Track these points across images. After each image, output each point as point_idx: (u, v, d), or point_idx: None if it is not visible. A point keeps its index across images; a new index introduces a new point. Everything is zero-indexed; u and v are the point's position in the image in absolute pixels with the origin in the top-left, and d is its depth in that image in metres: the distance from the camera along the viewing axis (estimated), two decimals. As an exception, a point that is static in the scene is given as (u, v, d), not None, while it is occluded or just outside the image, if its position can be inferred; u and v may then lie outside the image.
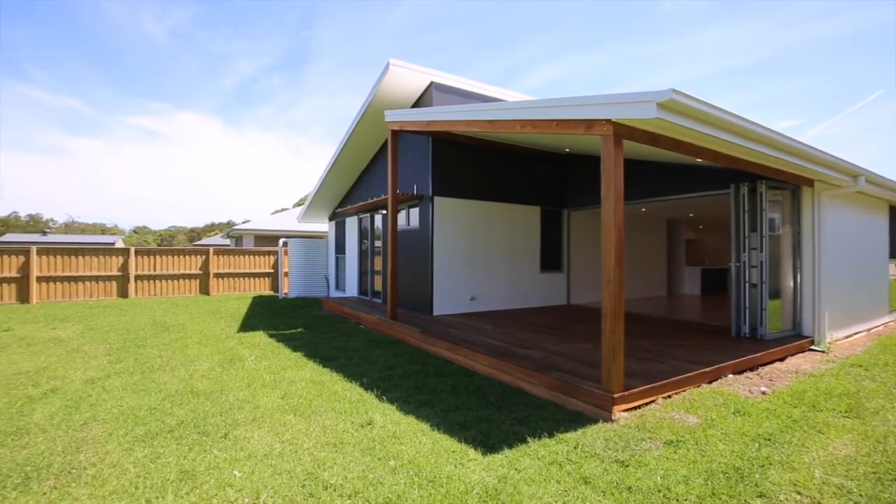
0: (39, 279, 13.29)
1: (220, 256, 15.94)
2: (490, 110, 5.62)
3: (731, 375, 5.01)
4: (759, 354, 5.54)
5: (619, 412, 3.84)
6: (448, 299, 8.88)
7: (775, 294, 6.59)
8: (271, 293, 16.17)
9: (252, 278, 16.47)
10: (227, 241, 27.08)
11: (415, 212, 9.39)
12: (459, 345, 5.87)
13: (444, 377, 5.14)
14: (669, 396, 4.31)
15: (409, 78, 8.73)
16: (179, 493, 2.72)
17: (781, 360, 5.84)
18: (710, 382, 4.76)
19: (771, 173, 5.88)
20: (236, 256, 16.28)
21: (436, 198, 8.73)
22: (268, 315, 10.54)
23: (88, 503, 2.61)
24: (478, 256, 9.29)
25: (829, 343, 6.53)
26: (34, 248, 13.35)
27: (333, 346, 6.81)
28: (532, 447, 3.30)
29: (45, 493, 2.71)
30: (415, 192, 9.17)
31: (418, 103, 9.38)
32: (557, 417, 3.88)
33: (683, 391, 4.45)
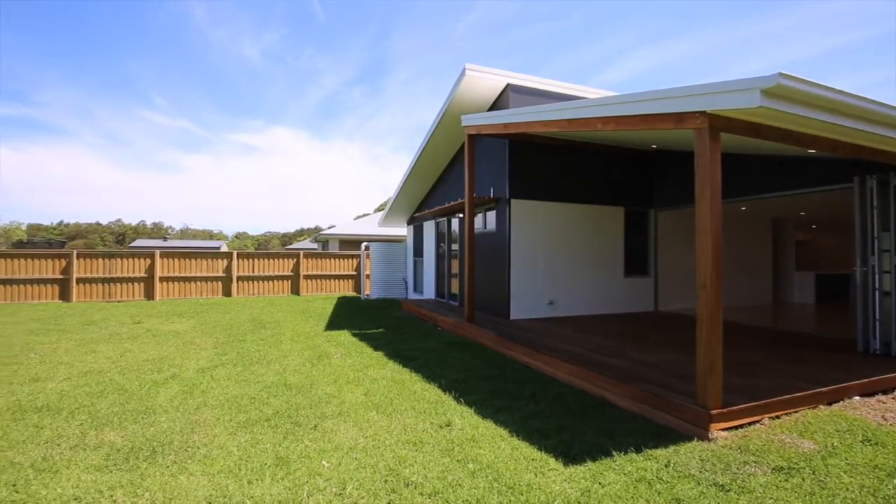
0: (161, 279, 15.24)
1: (309, 259, 17.13)
2: (569, 109, 5.45)
3: (857, 398, 4.35)
4: (894, 375, 4.76)
5: (716, 430, 3.50)
6: (525, 303, 8.73)
7: (915, 304, 5.62)
8: (354, 294, 17.03)
9: (337, 280, 17.47)
10: (315, 246, 29.05)
11: (491, 215, 9.37)
12: (538, 350, 5.74)
13: (523, 383, 5.05)
14: (778, 417, 3.84)
15: (485, 81, 8.75)
16: (276, 477, 2.94)
17: (924, 382, 4.96)
18: (829, 404, 4.17)
19: (908, 163, 5.05)
20: (323, 259, 17.39)
21: (513, 200, 8.64)
22: (351, 315, 11.10)
23: (201, 479, 2.92)
24: (557, 260, 9.03)
25: None
26: (157, 252, 15.34)
27: (412, 347, 6.99)
28: (618, 461, 3.12)
29: (167, 467, 3.08)
30: (491, 194, 9.15)
31: (495, 106, 9.36)
32: (645, 432, 3.63)
33: (795, 412, 3.95)
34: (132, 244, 54.48)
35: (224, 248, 47.08)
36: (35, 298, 14.12)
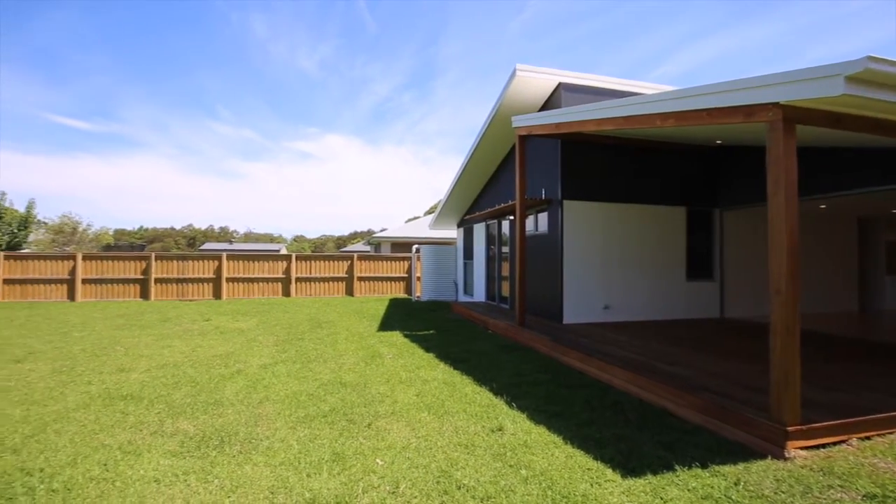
0: (228, 279, 16.27)
1: (362, 262, 17.64)
2: (625, 106, 5.24)
3: (965, 419, 3.84)
4: None
5: (794, 449, 3.21)
6: (579, 307, 8.49)
7: None
8: (405, 296, 17.32)
9: (389, 282, 17.86)
10: (368, 248, 29.86)
11: (543, 217, 9.21)
12: (593, 356, 5.56)
13: (577, 389, 4.90)
14: (869, 438, 3.47)
15: (536, 81, 8.62)
16: (332, 472, 3.04)
17: None
18: (931, 425, 3.71)
19: None
20: (375, 262, 17.85)
21: (565, 201, 8.44)
22: (403, 316, 11.30)
23: (264, 469, 3.07)
24: (612, 263, 8.71)
25: None
26: (224, 255, 16.40)
27: (463, 350, 7.00)
28: (681, 476, 2.95)
29: (234, 456, 3.27)
30: (543, 196, 8.99)
31: (546, 106, 9.20)
32: (711, 446, 3.41)
33: (892, 433, 3.55)
34: (202, 247, 58.61)
35: (283, 251, 49.55)
36: (120, 296, 15.54)
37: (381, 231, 25.46)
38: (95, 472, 3.03)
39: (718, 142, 8.37)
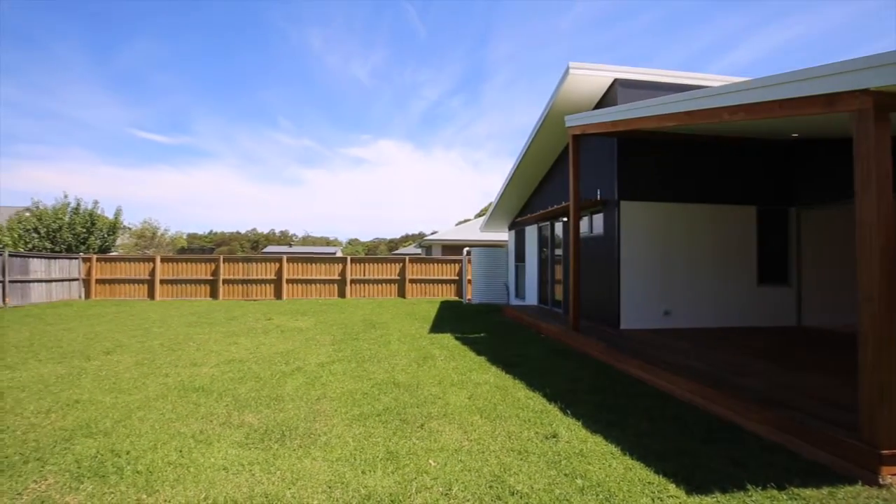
0: (288, 281, 17.09)
1: (414, 264, 17.92)
2: (689, 100, 4.96)
3: None
4: None
5: (890, 475, 2.88)
6: (637, 312, 8.12)
7: None
8: (456, 298, 17.38)
9: (440, 284, 18.01)
10: (419, 251, 30.27)
11: (598, 218, 8.91)
12: (653, 364, 5.29)
13: (635, 398, 4.68)
14: (983, 465, 3.05)
15: (590, 79, 8.37)
16: (386, 470, 3.09)
17: None
18: None
19: None
20: (427, 264, 18.07)
21: (622, 202, 8.12)
22: (454, 319, 11.34)
23: (322, 464, 3.18)
24: (673, 266, 8.27)
25: None
26: (285, 257, 17.26)
27: (515, 354, 6.91)
28: (753, 497, 2.73)
29: (294, 450, 3.42)
30: (598, 197, 8.71)
31: (601, 104, 8.91)
32: (789, 466, 3.13)
33: None
34: (264, 250, 62.00)
35: (339, 254, 51.37)
36: (192, 296, 16.77)
37: (432, 234, 25.72)
38: (173, 457, 3.28)
39: (794, 135, 7.72)
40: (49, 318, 10.96)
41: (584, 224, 9.40)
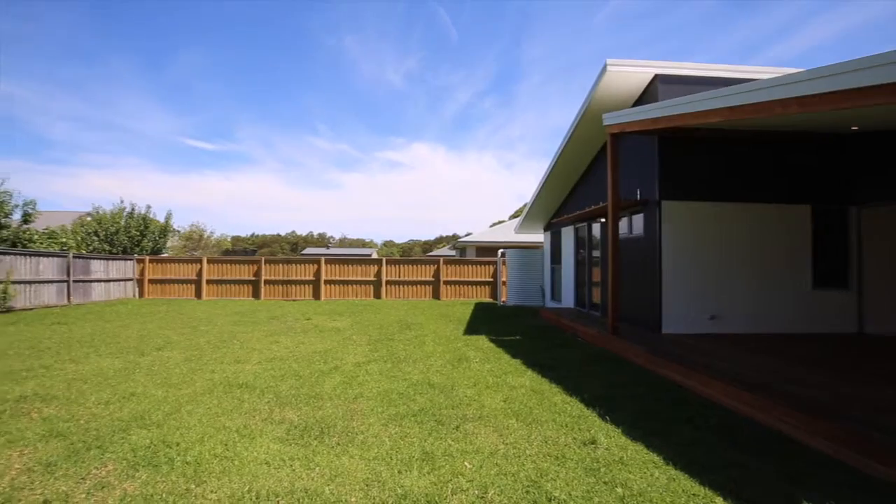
0: (326, 282, 17.52)
1: (449, 266, 17.96)
2: (736, 94, 4.74)
3: None
4: None
5: (968, 496, 2.64)
6: (679, 316, 7.81)
7: None
8: (490, 300, 17.29)
9: (474, 286, 17.97)
10: (453, 253, 30.33)
11: (638, 219, 8.65)
12: (697, 370, 5.07)
13: (678, 405, 4.50)
14: None
15: (629, 75, 8.14)
16: (422, 470, 3.11)
17: None
18: None
19: None
20: (461, 266, 18.07)
21: (663, 202, 7.84)
22: (489, 321, 11.28)
23: (359, 462, 3.24)
24: (718, 268, 7.91)
25: None
26: (323, 259, 17.70)
27: (551, 357, 6.79)
28: (811, 514, 2.56)
29: (332, 447, 3.50)
30: (637, 197, 8.45)
31: (640, 101, 8.65)
32: (851, 483, 2.92)
33: None
34: (303, 252, 63.83)
35: (374, 255, 52.20)
36: (236, 295, 17.47)
37: (466, 235, 25.72)
38: (218, 450, 3.42)
39: (854, 128, 7.22)
40: (107, 316, 11.70)
41: (622, 225, 9.14)
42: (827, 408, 3.83)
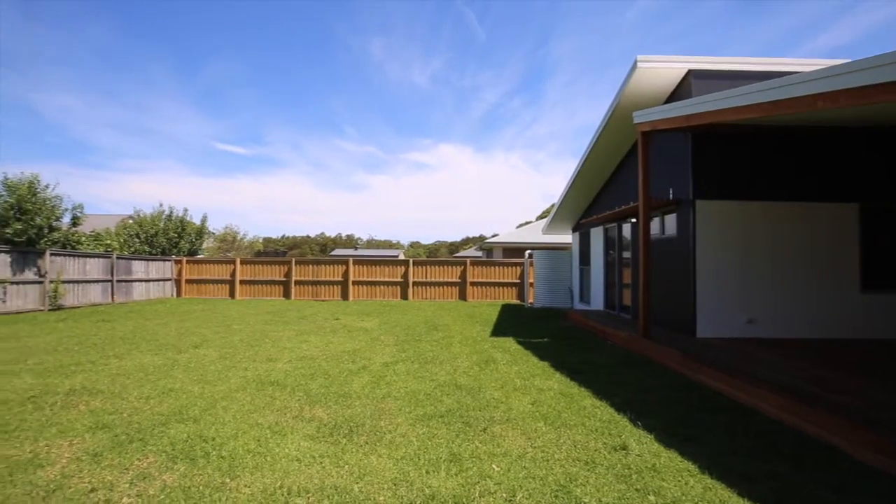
0: (354, 282, 17.77)
1: (475, 267, 17.92)
2: (775, 88, 4.54)
3: None
4: None
5: None
6: (715, 319, 7.55)
7: None
8: (517, 302, 17.15)
9: (501, 287, 17.87)
10: (480, 254, 30.26)
11: (670, 219, 8.41)
12: (735, 375, 4.89)
13: (714, 412, 4.35)
14: None
15: (660, 71, 7.92)
16: (450, 472, 3.11)
17: None
18: None
19: None
20: (487, 267, 18.00)
21: (697, 201, 7.60)
22: (516, 322, 11.19)
23: (388, 461, 3.27)
24: (757, 270, 7.60)
25: None
26: (351, 260, 17.97)
27: (580, 360, 6.68)
28: (860, 530, 2.42)
29: (361, 446, 3.54)
30: (670, 196, 8.22)
31: (672, 97, 8.41)
32: (904, 498, 2.75)
33: None
34: (332, 253, 64.95)
35: (401, 257, 52.64)
36: (268, 295, 17.94)
37: (493, 236, 25.60)
38: (251, 446, 3.52)
39: (906, 122, 6.80)
40: (147, 314, 12.24)
41: (654, 225, 8.91)
42: (873, 417, 3.62)
